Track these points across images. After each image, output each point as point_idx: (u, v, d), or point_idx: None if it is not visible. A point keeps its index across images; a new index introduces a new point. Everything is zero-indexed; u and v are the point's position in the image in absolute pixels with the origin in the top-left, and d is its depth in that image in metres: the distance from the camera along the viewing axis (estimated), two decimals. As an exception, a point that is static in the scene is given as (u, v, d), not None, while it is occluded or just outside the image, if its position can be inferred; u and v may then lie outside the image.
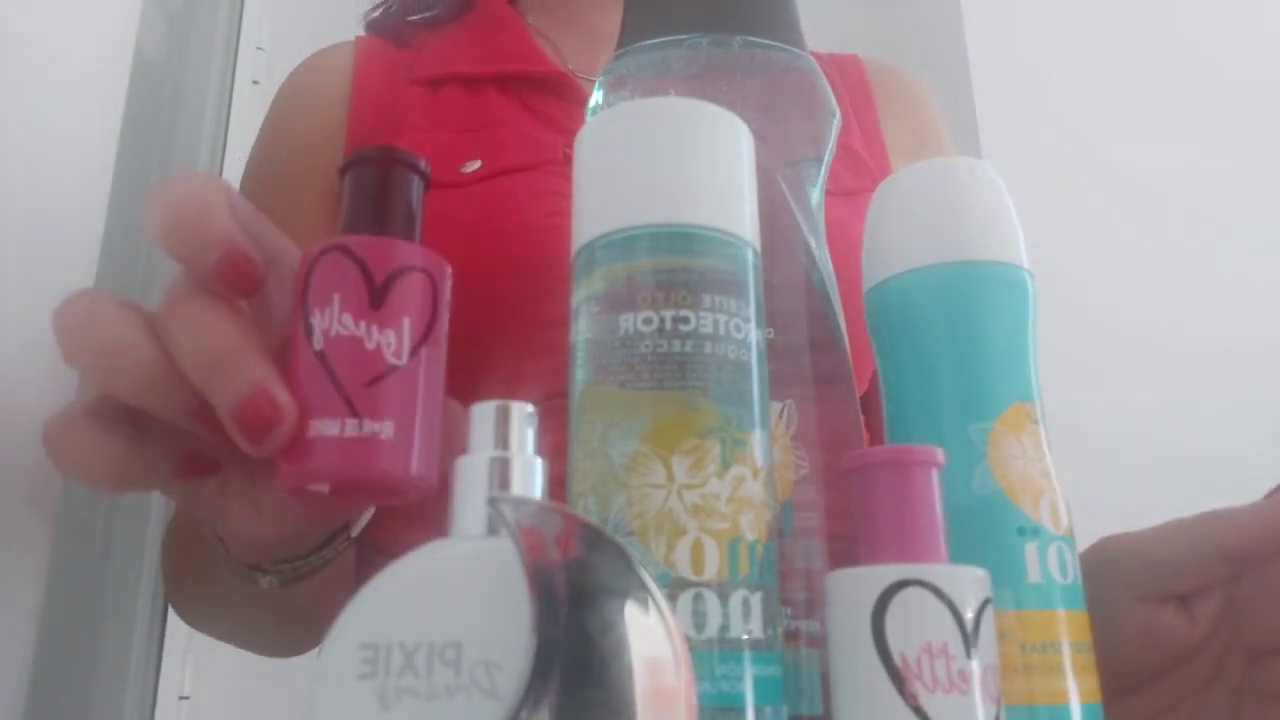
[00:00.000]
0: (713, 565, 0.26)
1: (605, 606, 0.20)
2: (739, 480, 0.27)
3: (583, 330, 0.30)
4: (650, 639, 0.20)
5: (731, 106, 0.31)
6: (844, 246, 0.40)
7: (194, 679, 0.96)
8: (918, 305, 0.35)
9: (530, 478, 0.24)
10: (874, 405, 0.38)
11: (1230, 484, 0.51)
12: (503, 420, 0.25)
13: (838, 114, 0.39)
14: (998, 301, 0.34)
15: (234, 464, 0.34)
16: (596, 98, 0.39)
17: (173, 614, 0.72)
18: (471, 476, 0.24)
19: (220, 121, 1.08)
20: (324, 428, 0.29)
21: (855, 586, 0.27)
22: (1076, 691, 0.30)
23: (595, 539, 0.21)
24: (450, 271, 0.33)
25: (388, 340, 0.30)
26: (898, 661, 0.26)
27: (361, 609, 0.22)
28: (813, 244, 0.37)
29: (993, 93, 1.52)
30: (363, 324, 0.30)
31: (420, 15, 0.72)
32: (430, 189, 0.34)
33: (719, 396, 0.27)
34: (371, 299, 0.30)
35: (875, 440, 0.38)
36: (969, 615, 0.26)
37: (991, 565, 0.28)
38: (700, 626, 0.25)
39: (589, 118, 0.36)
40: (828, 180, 0.40)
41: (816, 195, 0.39)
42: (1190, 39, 1.61)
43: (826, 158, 0.39)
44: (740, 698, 0.25)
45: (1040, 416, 0.34)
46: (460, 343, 0.33)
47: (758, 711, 0.26)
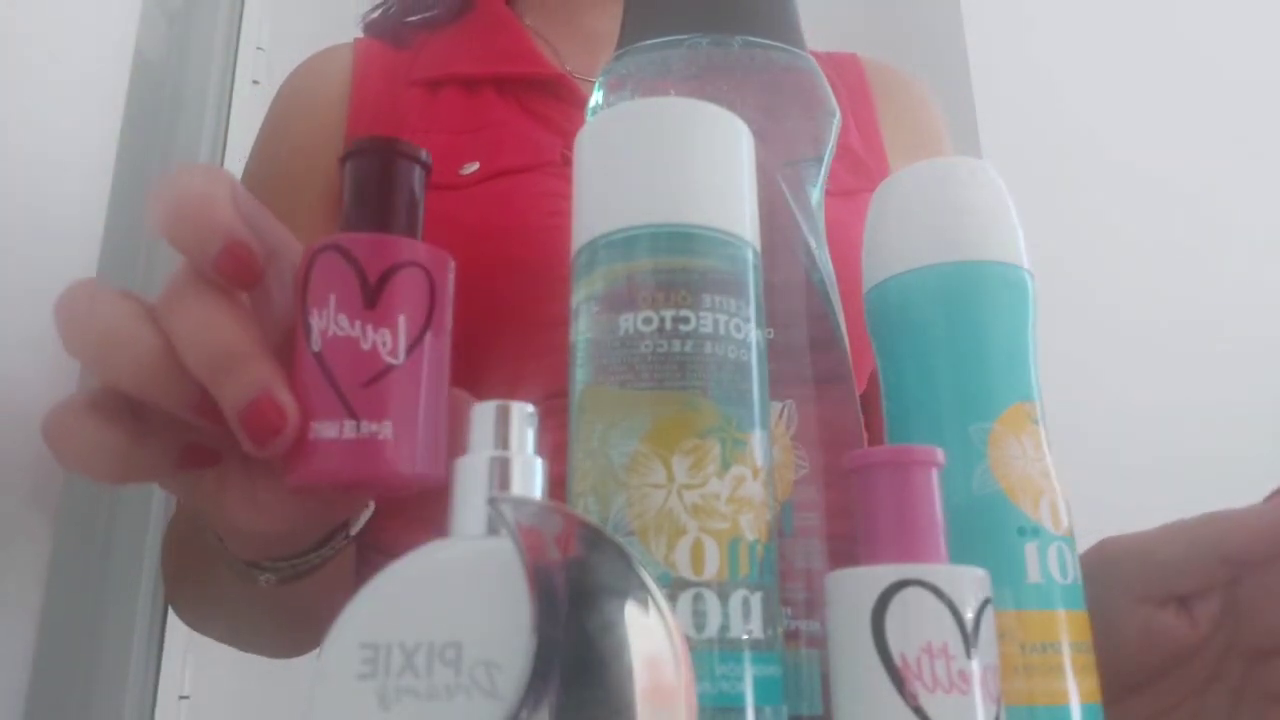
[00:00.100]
0: (713, 565, 0.26)
1: (605, 606, 0.20)
2: (739, 480, 0.27)
3: (583, 330, 0.30)
4: (650, 639, 0.20)
5: (731, 106, 0.31)
6: (843, 246, 0.40)
7: (194, 679, 0.96)
8: (918, 305, 0.35)
9: (530, 478, 0.24)
10: (873, 404, 0.38)
11: (1230, 484, 0.51)
12: (503, 420, 0.25)
13: (838, 114, 0.39)
14: (998, 301, 0.34)
15: (232, 458, 0.34)
16: (597, 98, 0.39)
17: (173, 614, 0.72)
18: (471, 476, 0.24)
19: (220, 121, 1.08)
20: (324, 430, 0.29)
21: (855, 586, 0.27)
22: (1076, 691, 0.30)
23: (595, 539, 0.21)
24: (453, 264, 0.32)
25: (383, 339, 0.30)
26: (898, 661, 0.26)
27: (361, 609, 0.22)
28: (813, 244, 0.37)
29: (993, 93, 1.52)
30: (358, 324, 0.30)
31: (418, 16, 0.72)
32: (430, 185, 0.34)
33: (719, 396, 0.27)
34: (366, 298, 0.30)
35: (874, 439, 0.38)
36: (969, 615, 0.26)
37: (991, 565, 0.28)
38: (700, 626, 0.25)
39: (589, 118, 0.36)
40: (826, 180, 0.40)
41: (816, 195, 0.39)
42: (1191, 39, 1.61)
43: (826, 158, 0.39)
44: (740, 698, 0.25)
45: (1040, 416, 0.34)
46: (460, 343, 0.33)
47: (758, 711, 0.26)
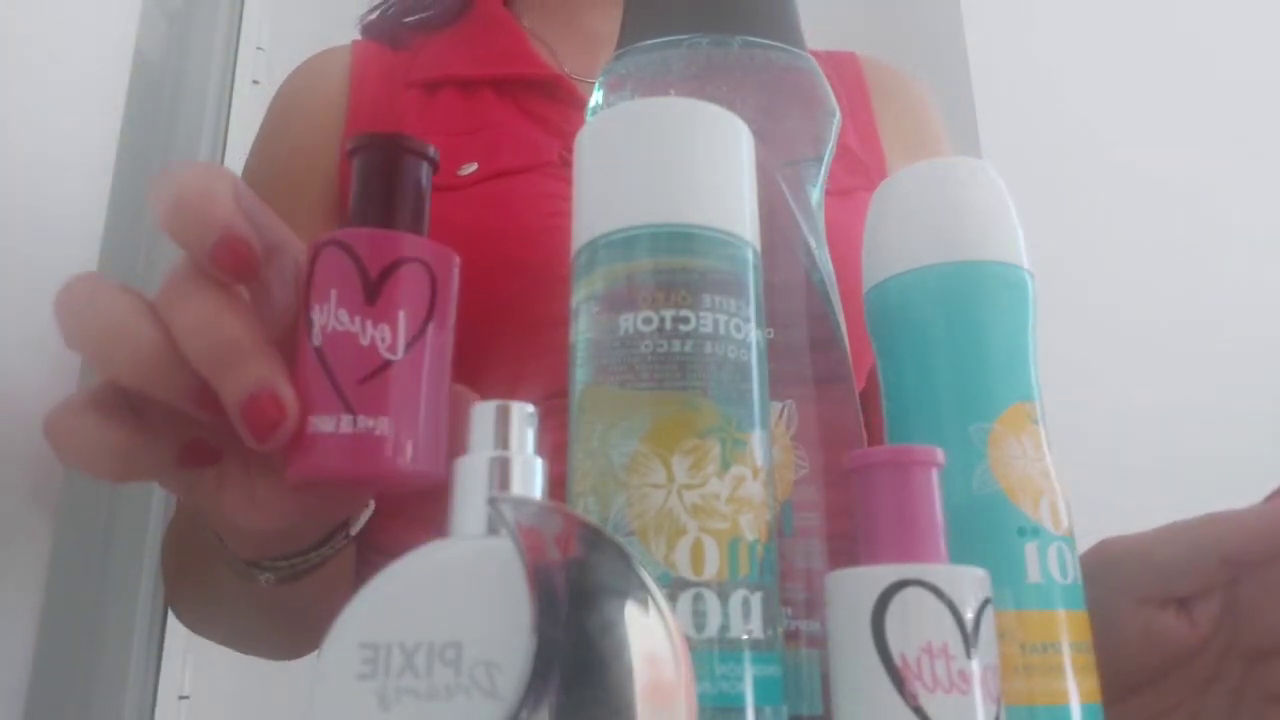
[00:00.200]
0: (713, 565, 0.26)
1: (605, 606, 0.20)
2: (739, 480, 0.27)
3: (583, 330, 0.30)
4: (650, 639, 0.20)
5: (731, 106, 0.31)
6: (840, 246, 0.40)
7: (194, 679, 0.96)
8: (918, 305, 0.35)
9: (530, 478, 0.24)
10: (871, 403, 0.38)
11: (1230, 484, 0.51)
12: (503, 420, 0.25)
13: (838, 114, 0.39)
14: (998, 301, 0.34)
15: (232, 456, 0.34)
16: (597, 98, 0.39)
17: (173, 614, 0.72)
18: (471, 476, 0.24)
19: (220, 121, 1.08)
20: (321, 424, 0.29)
21: (855, 586, 0.27)
22: (1076, 691, 0.30)
23: (595, 539, 0.21)
24: (457, 261, 0.32)
25: (383, 335, 0.30)
26: (898, 661, 0.26)
27: (361, 609, 0.22)
28: (813, 244, 0.37)
29: (993, 93, 1.52)
30: (358, 319, 0.30)
31: (416, 17, 0.72)
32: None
33: (719, 396, 0.27)
34: (366, 293, 0.30)
35: (874, 438, 0.38)
36: (969, 615, 0.26)
37: (991, 565, 0.28)
38: (700, 626, 0.25)
39: (589, 118, 0.36)
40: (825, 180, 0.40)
41: (816, 195, 0.39)
42: (1191, 38, 1.61)
43: (826, 157, 0.39)
44: (740, 698, 0.25)
45: (1040, 416, 0.34)
46: (460, 343, 0.33)
47: (758, 711, 0.26)
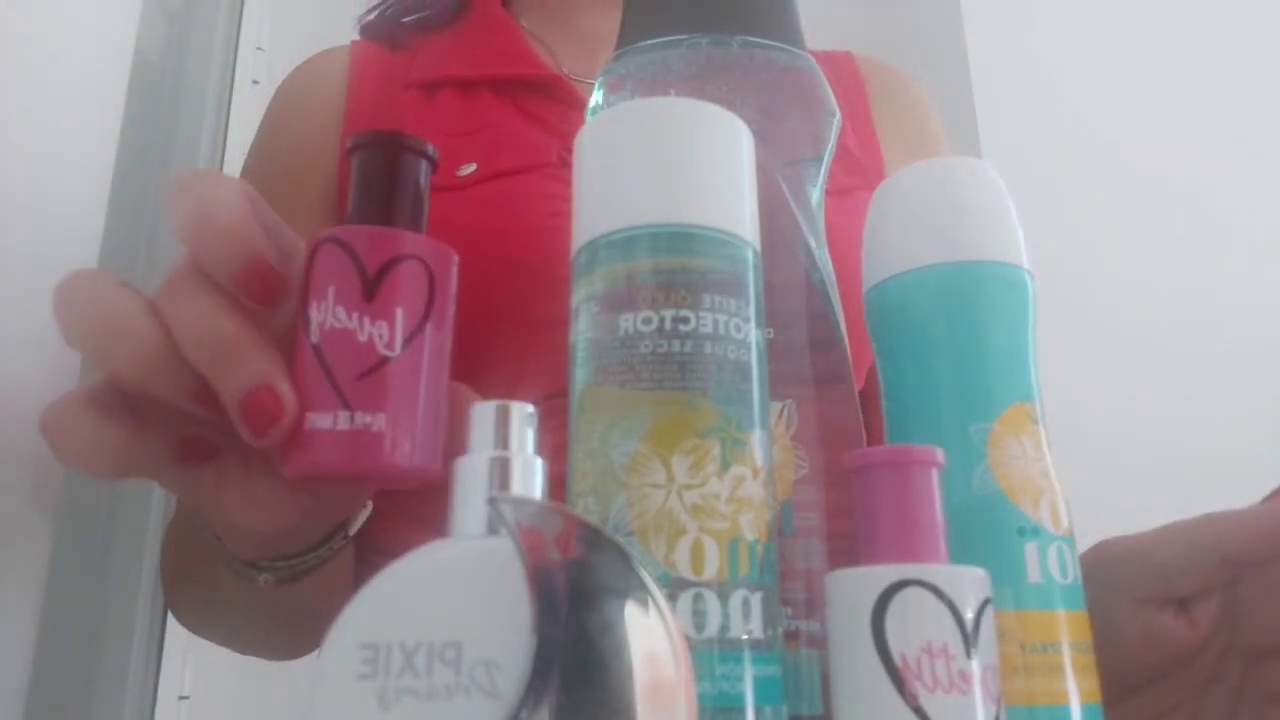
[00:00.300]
0: (713, 565, 0.26)
1: (605, 606, 0.20)
2: (739, 480, 0.27)
3: (583, 330, 0.30)
4: (650, 639, 0.20)
5: (731, 106, 0.31)
6: (839, 245, 0.40)
7: (194, 679, 0.96)
8: (918, 305, 0.35)
9: (530, 478, 0.24)
10: (871, 402, 0.38)
11: (1230, 484, 0.51)
12: (503, 420, 0.25)
13: (838, 114, 0.39)
14: (998, 301, 0.34)
15: (231, 454, 0.34)
16: (596, 98, 0.39)
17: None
18: (471, 476, 0.24)
19: (220, 121, 1.08)
20: (318, 420, 0.29)
21: (855, 586, 0.27)
22: (1076, 691, 0.30)
23: (595, 539, 0.21)
24: (455, 259, 0.33)
25: (380, 331, 0.30)
26: (898, 661, 0.26)
27: (361, 609, 0.22)
28: (813, 244, 0.37)
29: (993, 93, 1.52)
30: (355, 316, 0.30)
31: (414, 17, 0.72)
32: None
33: (719, 396, 0.27)
34: (364, 290, 0.30)
35: (873, 437, 0.38)
36: (969, 615, 0.26)
37: (991, 565, 0.28)
38: (700, 626, 0.25)
39: (589, 118, 0.36)
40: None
41: (816, 195, 0.39)
42: (1191, 38, 1.61)
43: (826, 158, 0.39)
44: (740, 698, 0.25)
45: (1040, 416, 0.34)
46: (460, 343, 0.33)
47: (758, 711, 0.26)
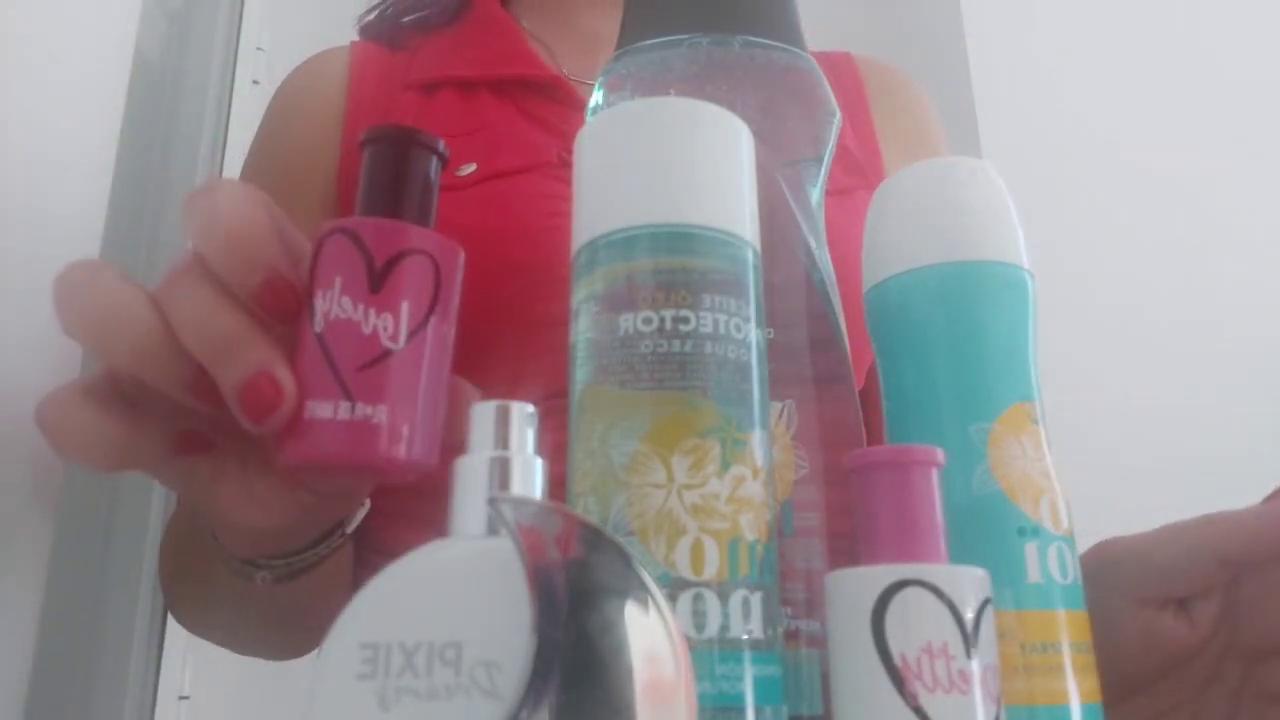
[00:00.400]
0: (713, 565, 0.26)
1: (605, 606, 0.20)
2: (739, 480, 0.27)
3: (583, 330, 0.30)
4: (650, 639, 0.20)
5: (731, 106, 0.31)
6: (838, 245, 0.40)
7: (194, 679, 0.96)
8: (918, 305, 0.35)
9: (530, 478, 0.24)
10: (870, 401, 0.38)
11: (1230, 484, 0.51)
12: (503, 420, 0.25)
13: (838, 114, 0.39)
14: (998, 301, 0.34)
15: (229, 449, 0.34)
16: (597, 98, 0.39)
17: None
18: (471, 476, 0.24)
19: (220, 121, 1.08)
20: (319, 409, 0.29)
21: (855, 586, 0.27)
22: (1076, 691, 0.30)
23: (595, 539, 0.21)
24: (462, 255, 0.33)
25: (385, 324, 0.30)
26: (898, 661, 0.26)
27: (361, 609, 0.22)
28: (813, 244, 0.37)
29: (993, 93, 1.52)
30: (360, 307, 0.30)
31: (414, 16, 0.72)
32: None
33: (719, 396, 0.27)
34: (371, 282, 0.30)
35: (873, 436, 0.38)
36: (969, 615, 0.26)
37: (991, 565, 0.28)
38: (700, 626, 0.25)
39: (589, 118, 0.36)
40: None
41: (816, 195, 0.39)
42: (1191, 38, 1.61)
43: (826, 158, 0.39)
44: (740, 698, 0.25)
45: (1040, 416, 0.34)
46: (460, 343, 0.33)
47: (758, 711, 0.26)
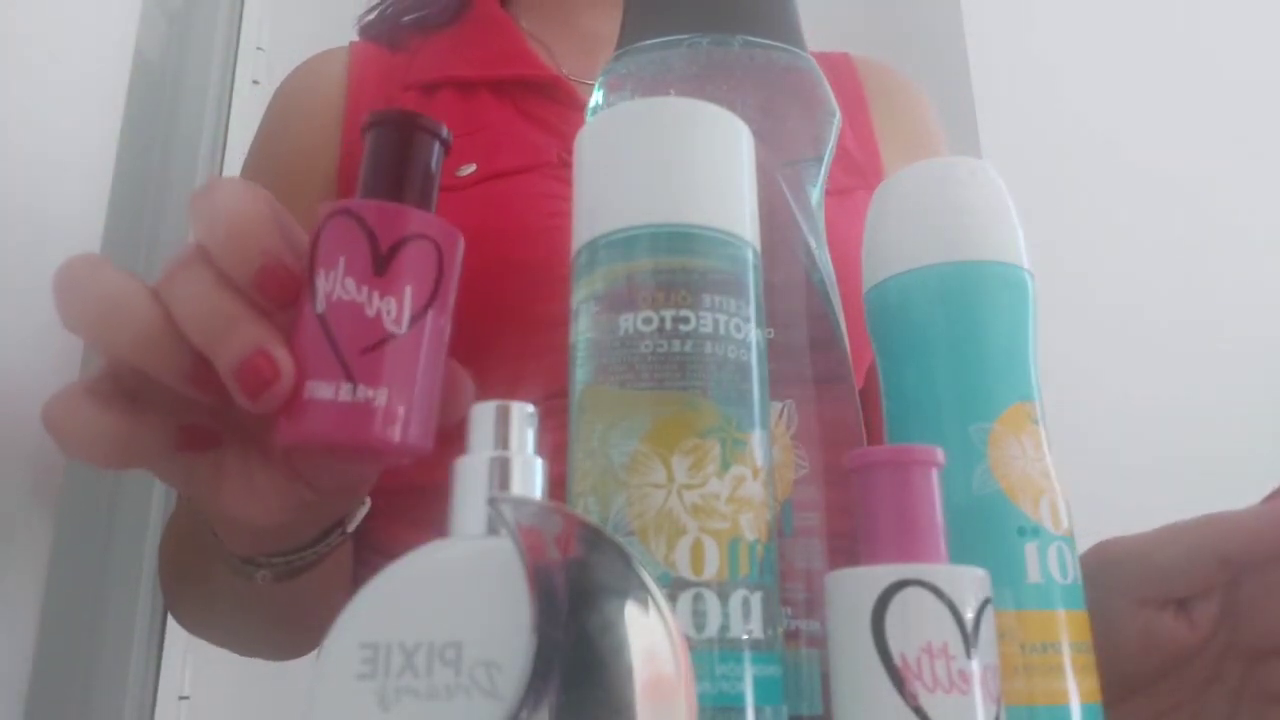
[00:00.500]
0: (713, 565, 0.26)
1: (605, 606, 0.20)
2: (739, 480, 0.27)
3: (583, 330, 0.30)
4: (650, 639, 0.20)
5: (731, 106, 0.31)
6: (837, 245, 0.40)
7: (194, 679, 0.96)
8: (918, 305, 0.35)
9: (530, 478, 0.24)
10: (870, 400, 0.38)
11: (1230, 484, 0.51)
12: (503, 420, 0.25)
13: (838, 114, 0.39)
14: (998, 301, 0.34)
15: (230, 443, 0.34)
16: (597, 98, 0.39)
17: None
18: (471, 476, 0.24)
19: (220, 121, 1.08)
20: (320, 390, 0.29)
21: (855, 586, 0.27)
22: (1076, 691, 0.30)
23: (595, 539, 0.21)
24: (462, 241, 0.33)
25: (388, 308, 0.30)
26: (898, 661, 0.26)
27: (361, 609, 0.22)
28: (813, 244, 0.37)
29: (993, 93, 1.52)
30: (365, 289, 0.30)
31: (414, 16, 0.72)
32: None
33: (719, 396, 0.27)
34: (375, 265, 0.30)
35: (872, 435, 0.38)
36: (969, 615, 0.26)
37: (991, 565, 0.28)
38: (700, 626, 0.25)
39: (589, 118, 0.36)
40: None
41: (816, 195, 0.39)
42: (1191, 38, 1.61)
43: (826, 158, 0.39)
44: (740, 698, 0.25)
45: (1040, 416, 0.34)
46: (460, 343, 0.33)
47: (758, 711, 0.26)
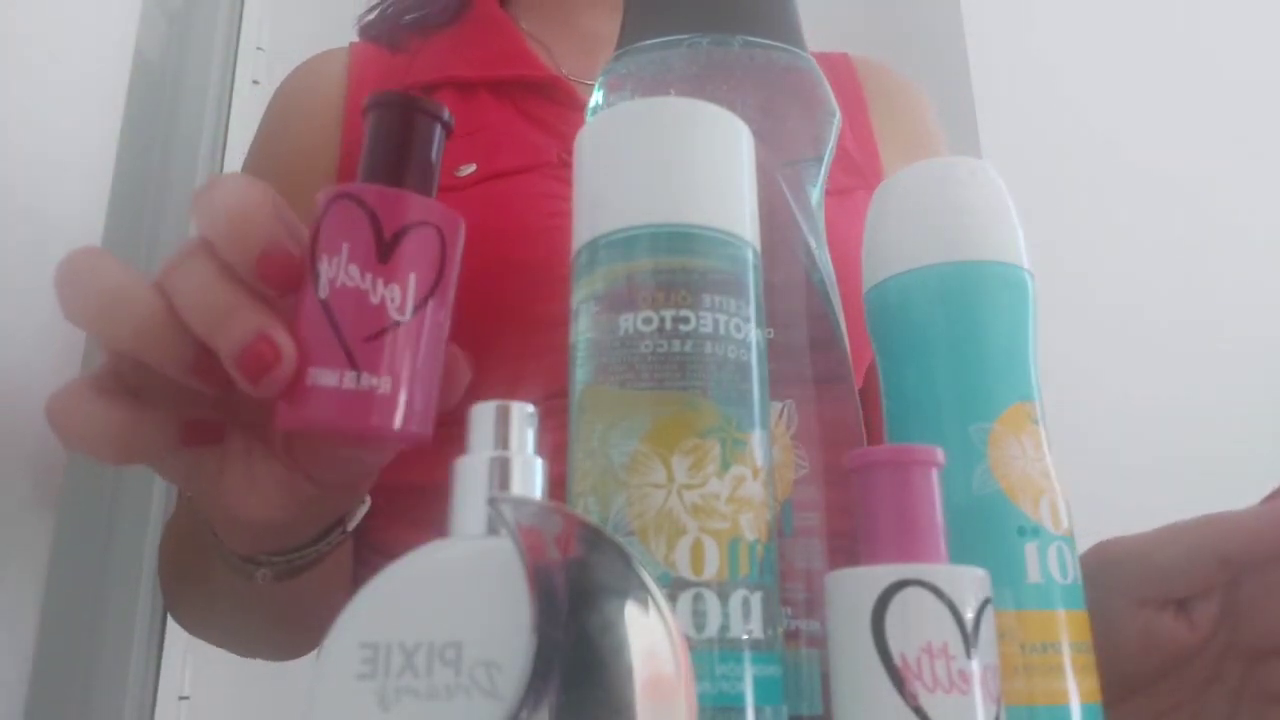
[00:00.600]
0: (713, 565, 0.26)
1: (605, 606, 0.20)
2: (739, 480, 0.27)
3: (583, 330, 0.30)
4: (650, 639, 0.20)
5: (731, 106, 0.31)
6: (837, 245, 0.40)
7: (194, 679, 0.96)
8: (918, 305, 0.35)
9: (530, 478, 0.24)
10: (870, 400, 0.38)
11: (1230, 484, 0.51)
12: (503, 420, 0.25)
13: (838, 114, 0.39)
14: (998, 301, 0.34)
15: (233, 438, 0.34)
16: (597, 98, 0.39)
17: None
18: (471, 476, 0.24)
19: (220, 121, 1.08)
20: (323, 377, 0.29)
21: (855, 586, 0.27)
22: (1076, 691, 0.30)
23: (595, 539, 0.21)
24: (463, 228, 0.33)
25: (393, 295, 0.30)
26: (898, 661, 0.26)
27: (361, 609, 0.22)
28: (813, 244, 0.37)
29: (993, 93, 1.52)
30: (369, 276, 0.30)
31: (413, 15, 0.72)
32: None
33: (719, 396, 0.27)
34: (380, 252, 0.30)
35: (872, 434, 0.38)
36: (969, 615, 0.26)
37: (991, 565, 0.28)
38: (700, 626, 0.25)
39: (589, 118, 0.36)
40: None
41: (816, 195, 0.39)
42: (1192, 38, 1.61)
43: (826, 158, 0.39)
44: (740, 698, 0.25)
45: (1040, 416, 0.34)
46: (460, 343, 0.33)
47: (758, 711, 0.26)
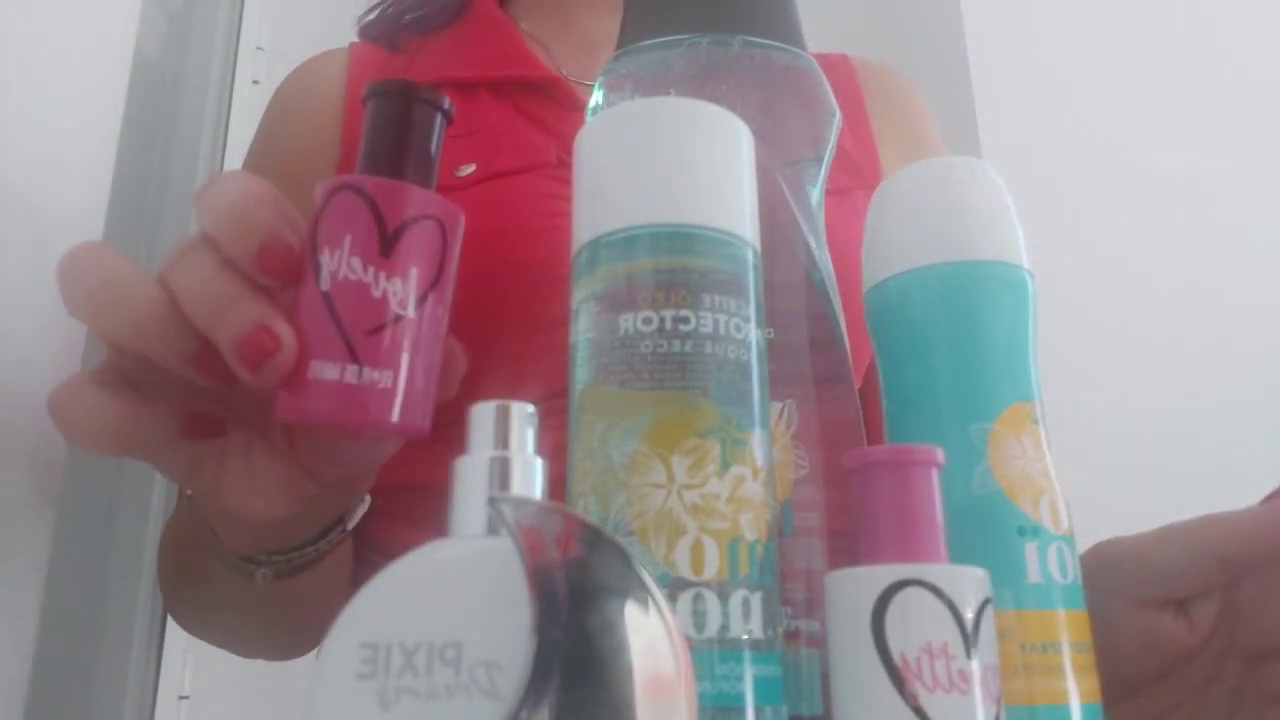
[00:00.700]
0: (713, 565, 0.26)
1: (605, 606, 0.20)
2: (739, 480, 0.27)
3: (583, 330, 0.30)
4: (650, 639, 0.20)
5: (731, 106, 0.31)
6: (836, 245, 0.40)
7: (194, 679, 0.96)
8: (918, 305, 0.35)
9: (530, 478, 0.24)
10: (870, 400, 0.38)
11: (1230, 484, 0.51)
12: (503, 420, 0.25)
13: (838, 114, 0.39)
14: (998, 301, 0.34)
15: (234, 433, 0.34)
16: (597, 98, 0.39)
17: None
18: (471, 476, 0.24)
19: (220, 121, 1.08)
20: (324, 370, 0.29)
21: (855, 586, 0.27)
22: (1076, 691, 0.30)
23: (595, 539, 0.21)
24: (463, 221, 0.32)
25: (395, 289, 0.30)
26: (898, 661, 0.26)
27: (361, 609, 0.22)
28: (813, 244, 0.37)
29: (993, 93, 1.52)
30: (371, 270, 0.30)
31: (413, 16, 0.72)
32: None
33: (719, 396, 0.27)
34: (382, 245, 0.30)
35: (871, 433, 0.38)
36: (969, 615, 0.26)
37: (991, 565, 0.28)
38: (700, 626, 0.25)
39: (589, 118, 0.36)
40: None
41: (816, 195, 0.39)
42: (1192, 38, 1.61)
43: (826, 158, 0.39)
44: (740, 698, 0.25)
45: (1040, 416, 0.34)
46: (460, 343, 0.33)
47: (758, 711, 0.26)
